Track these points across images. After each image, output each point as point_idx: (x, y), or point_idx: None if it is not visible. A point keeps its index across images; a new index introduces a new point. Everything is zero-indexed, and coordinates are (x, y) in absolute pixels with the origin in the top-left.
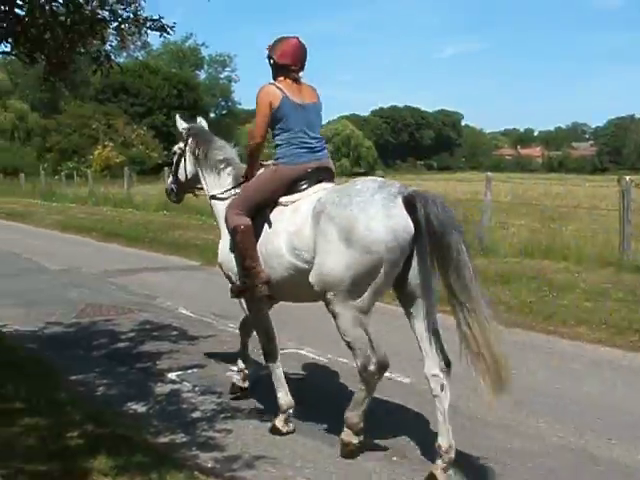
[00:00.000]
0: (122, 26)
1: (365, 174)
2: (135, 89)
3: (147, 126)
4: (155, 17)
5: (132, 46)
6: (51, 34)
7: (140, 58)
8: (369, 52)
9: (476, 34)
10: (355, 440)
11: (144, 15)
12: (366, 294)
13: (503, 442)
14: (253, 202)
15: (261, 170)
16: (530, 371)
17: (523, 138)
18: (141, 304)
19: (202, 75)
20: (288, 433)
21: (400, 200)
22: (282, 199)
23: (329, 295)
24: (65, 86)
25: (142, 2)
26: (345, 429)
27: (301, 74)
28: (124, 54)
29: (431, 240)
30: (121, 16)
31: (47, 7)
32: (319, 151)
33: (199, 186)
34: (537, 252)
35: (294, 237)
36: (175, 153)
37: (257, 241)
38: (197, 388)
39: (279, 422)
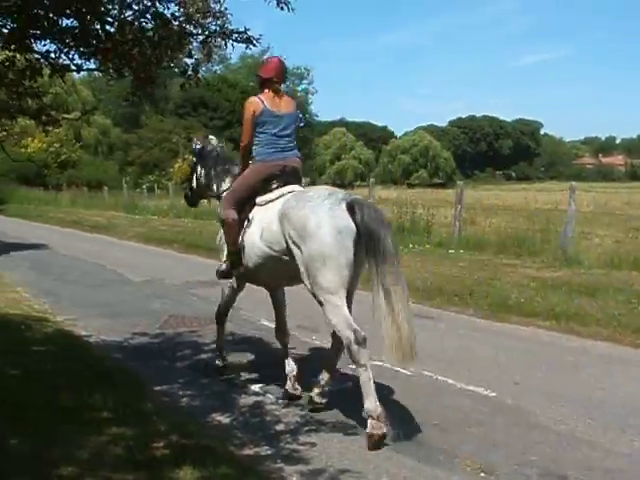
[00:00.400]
0: (208, 39)
1: (443, 185)
2: (214, 103)
3: (226, 139)
4: (241, 29)
5: (216, 58)
6: (139, 49)
7: (219, 72)
8: (447, 63)
9: (555, 42)
10: (379, 431)
11: (230, 28)
12: (330, 278)
13: (597, 461)
14: (239, 195)
15: None
16: (618, 385)
17: (604, 146)
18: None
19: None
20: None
21: (344, 205)
22: (258, 199)
23: (308, 285)
24: (149, 101)
25: (229, 15)
26: (369, 422)
27: (283, 86)
28: (203, 68)
29: (365, 235)
30: (208, 29)
31: (136, 23)
32: (288, 151)
33: (209, 193)
34: (625, 263)
35: (266, 231)
36: (191, 167)
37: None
38: (280, 400)
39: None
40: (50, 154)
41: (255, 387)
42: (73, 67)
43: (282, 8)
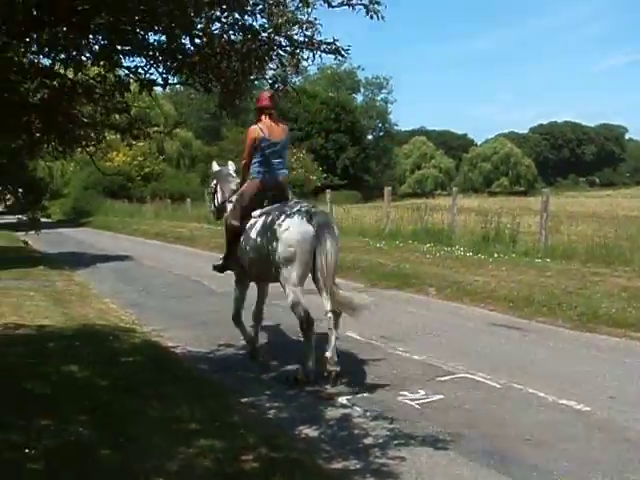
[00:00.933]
0: (297, 50)
1: (525, 193)
2: (294, 114)
3: (306, 149)
4: (329, 40)
5: (304, 69)
6: (227, 62)
7: (298, 83)
8: (528, 68)
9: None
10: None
11: (319, 38)
12: (294, 274)
13: None
14: (241, 207)
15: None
16: None
17: None
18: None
19: (359, 98)
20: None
21: (310, 212)
22: (253, 213)
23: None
24: (234, 114)
25: (319, 26)
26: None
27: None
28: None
29: (318, 237)
30: (296, 40)
31: (225, 36)
32: (279, 170)
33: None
34: None
35: (258, 237)
36: (212, 187)
37: (240, 239)
38: (368, 413)
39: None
40: (134, 167)
41: (342, 399)
42: (161, 82)
43: (371, 17)
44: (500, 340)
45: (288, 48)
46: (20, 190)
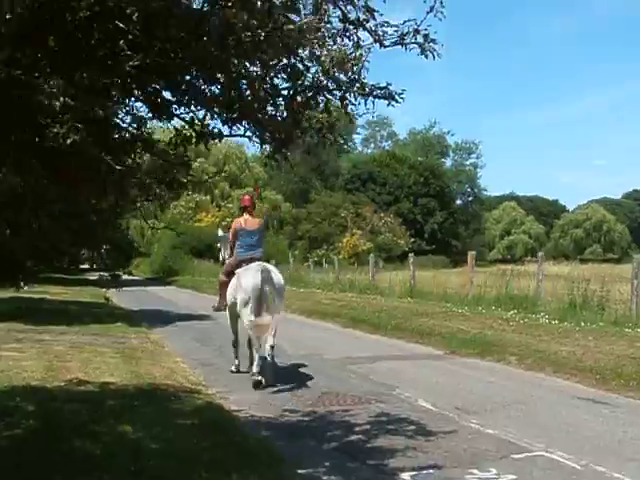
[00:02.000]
0: (346, 94)
1: (618, 260)
2: (382, 178)
3: (394, 214)
4: (381, 84)
5: (356, 117)
6: (274, 108)
7: (387, 148)
8: (624, 132)
9: None
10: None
11: (370, 83)
12: (248, 311)
13: None
14: (227, 270)
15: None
16: None
17: None
18: (379, 394)
19: (448, 162)
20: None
21: (260, 271)
22: (236, 271)
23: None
24: (288, 164)
25: (363, 71)
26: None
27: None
28: (372, 145)
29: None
30: (344, 83)
31: (268, 79)
32: (253, 250)
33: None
34: None
35: (236, 286)
36: (219, 247)
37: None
38: None
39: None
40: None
41: (405, 475)
42: (216, 134)
43: (426, 56)
44: (584, 416)
45: (336, 92)
46: (105, 248)
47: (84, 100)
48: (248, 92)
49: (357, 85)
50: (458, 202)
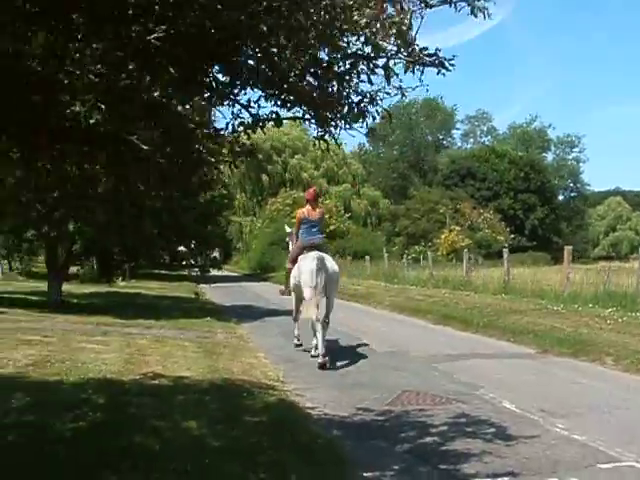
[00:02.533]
0: (390, 62)
1: None
2: (482, 173)
3: (493, 210)
4: (430, 51)
5: (398, 84)
6: (314, 78)
7: (487, 143)
8: None
9: None
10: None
11: (417, 47)
12: (307, 293)
13: None
14: (292, 256)
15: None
16: None
17: None
18: (461, 394)
19: (549, 157)
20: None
21: (316, 259)
22: (299, 257)
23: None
24: (338, 144)
25: (412, 34)
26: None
27: (317, 202)
28: (471, 140)
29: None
30: (387, 51)
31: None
32: (314, 236)
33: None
34: None
35: (298, 271)
36: (287, 242)
37: (294, 273)
38: None
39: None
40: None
41: None
42: (272, 116)
43: (475, 15)
44: None
45: (380, 60)
46: (194, 244)
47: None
48: (285, 63)
49: (402, 53)
50: (560, 198)
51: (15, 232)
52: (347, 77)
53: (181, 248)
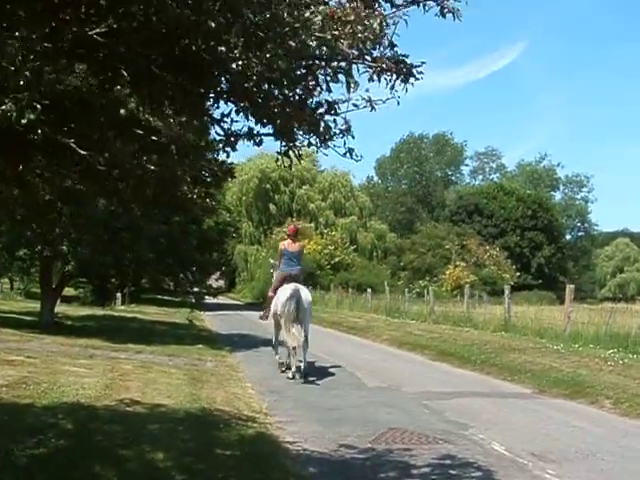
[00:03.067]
0: (353, 68)
1: None
2: (489, 210)
3: (500, 247)
4: (397, 56)
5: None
6: (272, 86)
7: (496, 180)
8: None
9: None
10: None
11: (383, 53)
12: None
13: None
14: (274, 286)
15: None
16: None
17: None
18: (450, 433)
19: (557, 196)
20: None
21: (292, 289)
22: (279, 288)
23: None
24: (295, 158)
25: (385, 38)
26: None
27: (297, 237)
28: (480, 176)
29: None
30: (345, 54)
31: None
32: (292, 267)
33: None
34: None
35: (276, 300)
36: (272, 272)
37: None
38: None
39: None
40: (324, 256)
41: None
42: (245, 134)
43: (444, 16)
44: None
45: (340, 63)
46: (191, 271)
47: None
48: (236, 64)
49: (366, 58)
50: (567, 237)
51: (8, 250)
52: (303, 82)
53: (181, 275)
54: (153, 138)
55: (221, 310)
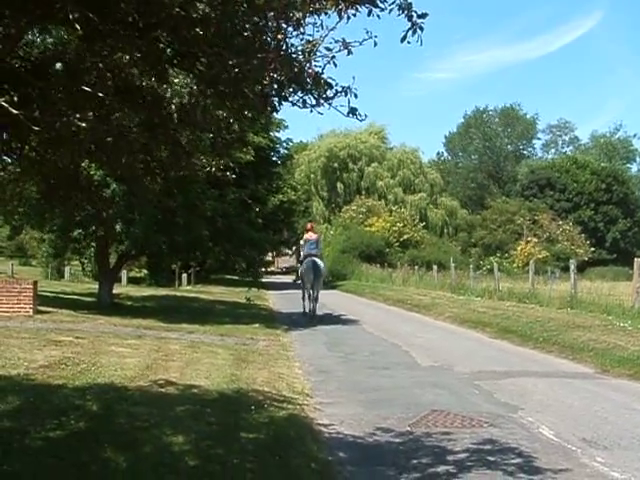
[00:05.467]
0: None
1: None
2: (561, 184)
3: (573, 222)
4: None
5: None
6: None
7: (569, 153)
8: None
9: None
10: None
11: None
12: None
13: None
14: (302, 259)
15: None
16: None
17: None
18: (495, 416)
19: (634, 168)
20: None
21: (312, 262)
22: (304, 260)
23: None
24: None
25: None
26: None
27: (314, 229)
28: (553, 150)
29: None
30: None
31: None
32: (312, 249)
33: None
34: None
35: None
36: (300, 249)
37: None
38: None
39: None
40: (393, 233)
41: None
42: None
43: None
44: None
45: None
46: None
47: None
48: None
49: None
50: None
51: (62, 231)
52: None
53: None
54: (158, 107)
55: (288, 289)
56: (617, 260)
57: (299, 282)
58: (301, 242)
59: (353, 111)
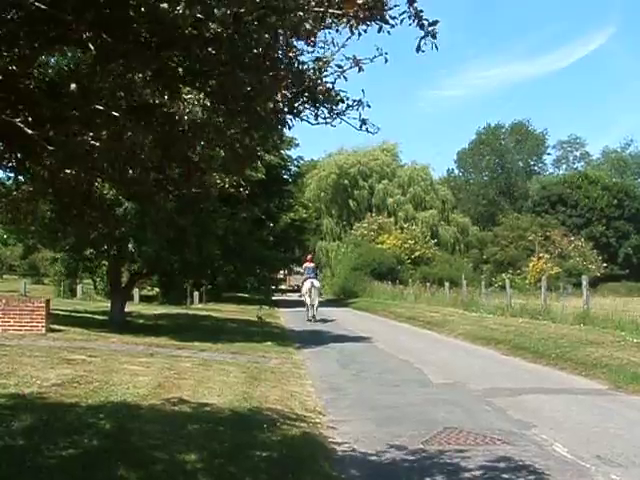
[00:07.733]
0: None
1: None
2: (573, 200)
3: (585, 237)
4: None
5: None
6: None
7: (580, 169)
8: None
9: None
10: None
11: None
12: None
13: None
14: (303, 280)
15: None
16: None
17: None
18: (509, 434)
19: None
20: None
21: (309, 282)
22: (305, 281)
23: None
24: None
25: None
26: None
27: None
28: (564, 166)
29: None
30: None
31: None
32: (310, 274)
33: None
34: None
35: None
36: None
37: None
38: None
39: None
40: (404, 250)
41: None
42: None
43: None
44: None
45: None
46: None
47: None
48: None
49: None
50: None
51: (75, 249)
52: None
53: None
54: (171, 124)
55: (300, 307)
56: (630, 276)
57: (302, 298)
58: (301, 269)
59: (364, 122)
